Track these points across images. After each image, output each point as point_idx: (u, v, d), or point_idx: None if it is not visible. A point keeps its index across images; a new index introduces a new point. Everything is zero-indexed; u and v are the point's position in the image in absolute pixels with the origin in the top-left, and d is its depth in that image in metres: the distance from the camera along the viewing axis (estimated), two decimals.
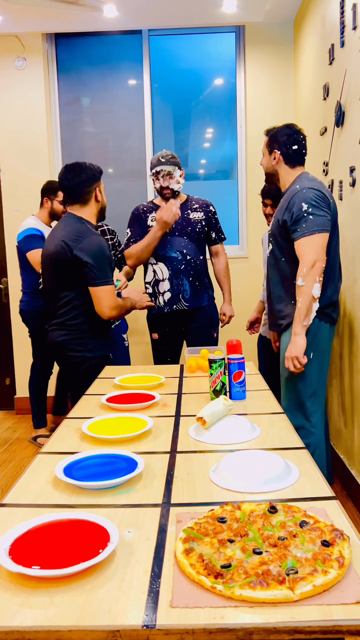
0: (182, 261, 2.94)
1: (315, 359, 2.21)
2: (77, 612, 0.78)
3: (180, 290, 2.96)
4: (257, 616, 0.76)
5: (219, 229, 3.12)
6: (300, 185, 2.20)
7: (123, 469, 1.24)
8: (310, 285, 2.12)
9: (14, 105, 4.21)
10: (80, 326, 2.31)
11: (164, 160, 2.90)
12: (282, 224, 2.21)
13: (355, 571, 0.85)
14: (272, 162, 2.35)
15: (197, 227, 2.98)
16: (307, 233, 2.12)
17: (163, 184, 2.92)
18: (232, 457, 1.26)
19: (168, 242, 2.94)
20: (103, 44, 4.34)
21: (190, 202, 3.05)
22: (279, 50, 4.15)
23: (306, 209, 2.13)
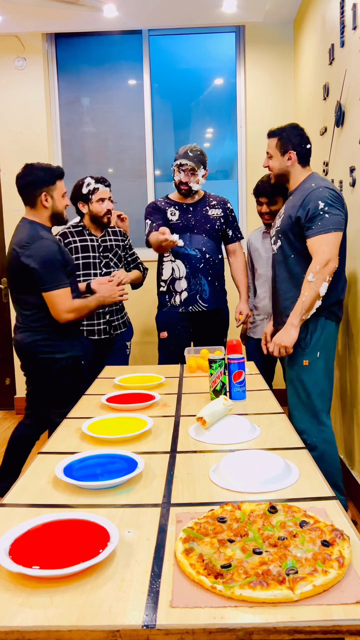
0: (201, 259, 2.84)
1: (322, 357, 2.21)
2: (77, 612, 0.78)
3: (198, 290, 2.85)
4: (257, 616, 0.76)
5: (237, 227, 3.00)
6: (315, 184, 2.20)
7: (123, 469, 1.24)
8: (319, 283, 2.12)
9: (14, 105, 4.21)
10: (48, 327, 2.28)
11: (192, 154, 2.78)
12: (296, 221, 2.20)
13: (355, 571, 0.85)
14: (285, 164, 2.31)
15: (217, 224, 2.88)
16: (322, 231, 2.12)
17: (183, 179, 2.80)
18: (232, 457, 1.26)
19: (187, 239, 2.83)
20: (103, 44, 4.34)
21: (208, 199, 2.94)
22: (279, 50, 4.15)
23: (322, 207, 2.13)
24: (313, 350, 2.20)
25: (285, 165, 2.32)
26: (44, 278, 2.19)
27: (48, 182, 2.28)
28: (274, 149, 2.33)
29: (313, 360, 2.20)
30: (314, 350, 2.20)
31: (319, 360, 2.21)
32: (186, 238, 2.80)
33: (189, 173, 2.78)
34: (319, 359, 2.21)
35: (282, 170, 2.34)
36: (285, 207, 2.32)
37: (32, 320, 2.28)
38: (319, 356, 2.20)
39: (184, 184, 2.80)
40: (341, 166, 2.78)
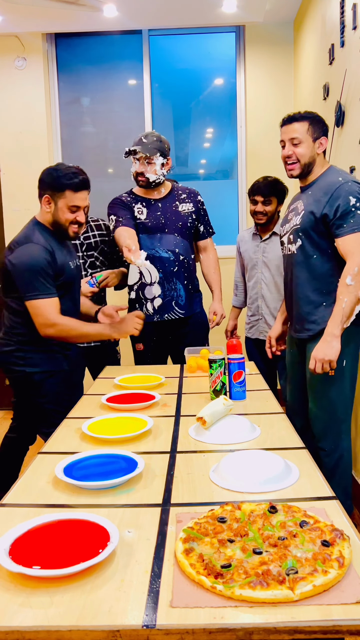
0: (175, 262, 2.56)
1: (348, 365, 2.07)
2: (77, 612, 0.78)
3: (173, 296, 2.58)
4: (257, 616, 0.76)
5: (208, 222, 2.73)
6: (342, 178, 2.02)
7: (123, 469, 1.24)
8: (359, 287, 1.94)
9: (14, 105, 4.21)
10: (21, 337, 2.10)
11: (146, 141, 2.51)
12: (321, 218, 2.01)
13: (355, 571, 0.85)
14: (316, 151, 2.10)
15: (189, 221, 2.60)
16: (356, 229, 1.94)
17: (138, 169, 2.52)
18: (232, 457, 1.26)
19: (157, 239, 2.55)
20: (103, 44, 4.34)
21: (177, 192, 2.65)
22: (279, 50, 4.15)
23: (354, 203, 1.96)
24: (339, 359, 2.01)
25: (315, 152, 2.11)
26: (26, 285, 2.01)
27: (55, 187, 2.09)
28: (305, 134, 2.09)
29: (339, 370, 2.03)
30: (340, 360, 2.01)
31: (345, 369, 2.06)
32: (156, 239, 2.55)
33: (144, 162, 2.50)
34: (345, 367, 2.06)
35: (312, 158, 2.11)
36: (305, 202, 2.11)
37: (11, 327, 2.12)
38: (344, 365, 2.05)
39: (140, 174, 2.52)
40: (341, 166, 2.78)
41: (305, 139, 2.10)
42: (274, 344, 2.45)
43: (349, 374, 2.08)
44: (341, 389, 2.08)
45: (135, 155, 2.51)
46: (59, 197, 2.09)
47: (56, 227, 2.14)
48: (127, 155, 2.52)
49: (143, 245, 2.53)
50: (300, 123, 2.10)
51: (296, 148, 2.11)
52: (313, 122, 2.10)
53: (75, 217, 2.13)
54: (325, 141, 2.12)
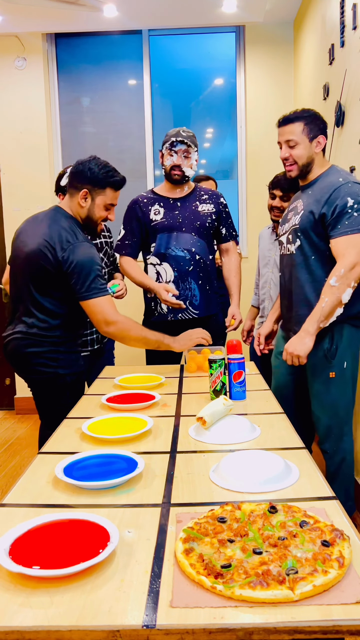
0: (191, 261, 2.52)
1: (349, 367, 2.06)
2: (77, 612, 0.78)
3: (188, 295, 2.54)
4: (257, 616, 0.76)
5: (230, 225, 2.67)
6: (343, 178, 1.99)
7: (123, 469, 1.24)
8: (343, 289, 1.92)
9: (14, 105, 4.22)
10: (55, 339, 2.02)
11: (185, 134, 2.47)
12: (320, 218, 1.99)
13: (355, 571, 0.85)
14: (314, 151, 2.07)
15: (207, 221, 2.56)
16: (349, 232, 1.92)
17: (176, 161, 2.47)
18: (232, 457, 1.26)
19: (174, 238, 2.52)
20: (103, 44, 4.34)
21: (199, 192, 2.62)
22: (279, 50, 4.15)
23: (352, 205, 1.93)
24: (340, 361, 2.03)
25: (312, 152, 2.07)
26: (87, 284, 1.92)
27: (97, 183, 2.03)
28: (300, 135, 2.05)
29: (340, 371, 2.04)
30: (340, 361, 2.03)
31: (346, 371, 2.05)
32: (172, 237, 2.53)
33: (182, 155, 2.47)
34: (346, 370, 2.05)
35: (310, 158, 2.08)
36: (305, 202, 2.08)
37: (44, 328, 2.01)
38: (345, 366, 2.04)
39: (177, 167, 2.48)
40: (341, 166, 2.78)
41: (301, 139, 2.06)
42: (262, 342, 2.43)
43: (350, 375, 2.08)
44: (343, 390, 2.08)
45: (174, 147, 2.47)
46: (99, 193, 2.05)
47: (87, 222, 2.09)
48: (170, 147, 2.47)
49: (158, 243, 2.54)
50: (296, 124, 2.06)
51: (292, 150, 2.08)
52: (309, 121, 2.06)
53: (107, 214, 2.10)
54: (323, 139, 2.08)
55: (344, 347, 2.03)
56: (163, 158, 2.54)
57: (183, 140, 2.45)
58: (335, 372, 2.05)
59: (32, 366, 2.04)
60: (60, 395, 2.06)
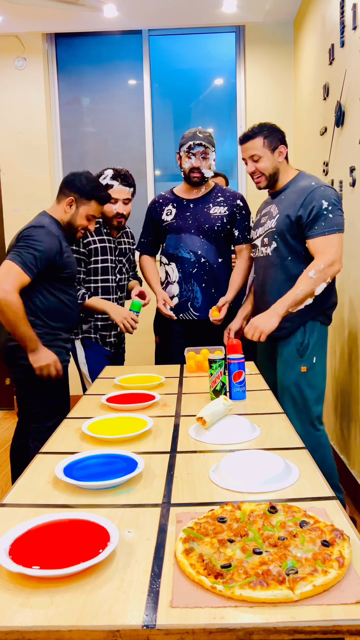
0: (195, 264, 2.53)
1: (318, 361, 2.17)
2: (77, 612, 0.78)
3: (189, 297, 2.56)
4: (257, 616, 0.76)
5: (245, 227, 2.59)
6: (315, 182, 2.12)
7: (123, 469, 1.24)
8: (318, 283, 2.05)
9: (14, 105, 4.22)
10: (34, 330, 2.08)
11: (202, 135, 2.47)
12: (296, 220, 2.11)
13: (355, 571, 0.85)
14: (277, 160, 2.21)
15: (217, 224, 2.53)
16: (326, 232, 2.05)
17: (195, 164, 2.47)
18: (232, 457, 1.26)
19: (181, 240, 2.55)
20: (103, 44, 4.34)
21: (215, 194, 2.59)
22: (279, 50, 4.15)
23: (326, 207, 2.05)
24: (310, 355, 2.16)
25: (276, 162, 2.21)
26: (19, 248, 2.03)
27: (84, 194, 2.20)
28: (262, 148, 2.20)
29: (311, 366, 2.16)
30: (311, 356, 2.16)
31: (316, 365, 2.17)
32: (180, 239, 2.55)
33: (200, 157, 2.47)
34: (316, 364, 2.17)
35: (275, 168, 2.22)
36: (280, 206, 2.20)
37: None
38: (315, 361, 2.16)
39: (196, 169, 2.48)
40: (341, 166, 2.78)
41: (264, 152, 2.20)
42: (232, 337, 2.50)
43: (319, 371, 2.19)
44: (314, 384, 2.18)
45: (192, 150, 2.46)
46: (84, 203, 2.21)
47: (68, 228, 2.23)
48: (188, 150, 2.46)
49: (168, 244, 2.60)
50: (256, 139, 2.20)
51: (257, 164, 2.22)
52: (267, 134, 2.20)
53: (88, 225, 2.26)
54: (284, 149, 2.22)
55: (314, 342, 2.16)
56: (181, 160, 2.53)
57: (201, 143, 2.45)
58: (306, 367, 2.17)
59: (15, 359, 2.14)
60: (39, 390, 2.14)
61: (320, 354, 2.18)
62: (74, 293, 2.31)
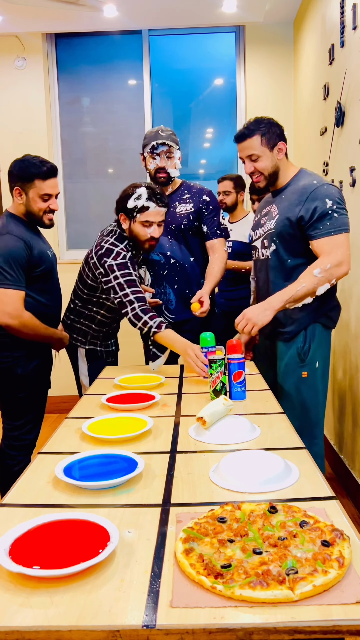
0: (165, 265, 2.46)
1: (320, 367, 2.09)
2: (77, 612, 0.78)
3: (163, 300, 2.50)
4: (257, 616, 0.76)
5: (214, 222, 2.49)
6: (317, 181, 2.01)
7: (123, 469, 1.24)
8: (322, 282, 1.93)
9: (14, 105, 4.22)
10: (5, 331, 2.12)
11: (164, 134, 2.41)
12: (297, 221, 2.00)
13: (355, 571, 0.85)
14: (277, 158, 2.08)
15: (183, 222, 2.45)
16: (332, 232, 1.93)
17: (160, 164, 2.41)
18: (232, 457, 1.26)
19: None
20: (103, 44, 4.34)
21: (181, 192, 2.53)
22: (279, 50, 4.15)
23: (331, 206, 1.94)
24: (312, 360, 2.07)
25: (276, 160, 2.08)
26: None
27: (24, 178, 2.12)
28: (260, 147, 2.06)
29: (312, 371, 2.07)
30: (313, 361, 2.07)
31: (318, 371, 2.08)
32: None
33: (165, 156, 2.41)
34: (318, 369, 2.08)
35: (274, 167, 2.09)
36: (279, 206, 2.09)
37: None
38: (317, 366, 2.07)
39: (161, 169, 2.42)
40: (341, 166, 2.78)
41: (262, 151, 2.06)
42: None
43: (320, 376, 2.09)
44: (314, 391, 2.09)
45: (155, 150, 2.40)
46: (29, 187, 2.14)
47: (30, 217, 2.19)
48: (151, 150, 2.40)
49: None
50: (253, 138, 2.06)
51: (256, 163, 2.08)
52: (265, 131, 2.05)
53: (48, 205, 2.17)
54: (283, 145, 2.08)
55: (316, 347, 2.07)
56: (145, 161, 2.48)
57: (164, 142, 2.39)
58: (307, 372, 2.07)
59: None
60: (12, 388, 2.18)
61: (322, 359, 2.10)
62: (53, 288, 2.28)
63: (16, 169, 2.15)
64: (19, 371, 2.19)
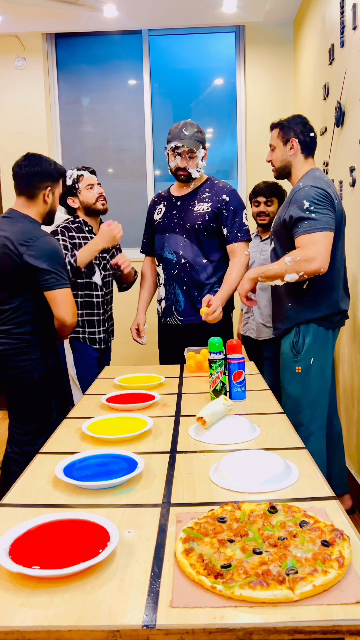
0: (176, 265, 2.42)
1: (316, 363, 2.13)
2: (77, 612, 0.78)
3: (173, 300, 2.46)
4: (257, 616, 0.76)
5: (235, 224, 2.37)
6: (303, 183, 2.10)
7: (123, 469, 1.24)
8: (290, 271, 2.00)
9: (14, 105, 4.22)
10: (25, 335, 2.09)
11: (188, 133, 2.34)
12: (283, 222, 2.12)
13: (355, 571, 0.85)
14: (288, 153, 2.18)
15: (197, 222, 2.38)
16: (309, 230, 2.00)
17: (180, 164, 2.38)
18: (232, 457, 1.26)
19: (165, 240, 2.46)
20: (103, 44, 4.34)
21: (203, 190, 2.44)
22: (279, 50, 4.15)
23: (308, 207, 2.01)
24: (306, 356, 2.12)
25: (287, 155, 2.19)
26: (55, 274, 2.03)
27: (55, 177, 2.14)
28: (276, 139, 2.21)
29: (307, 367, 2.12)
30: (307, 356, 2.12)
31: (313, 367, 2.12)
32: (165, 238, 2.45)
33: (187, 156, 2.36)
34: (313, 366, 2.12)
35: (284, 161, 2.20)
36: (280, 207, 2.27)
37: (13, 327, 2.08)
38: (312, 362, 2.12)
39: (182, 169, 2.39)
40: (341, 166, 2.78)
41: (277, 143, 2.22)
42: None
43: (316, 374, 2.13)
44: (307, 387, 2.14)
45: (177, 150, 2.36)
46: (56, 187, 2.17)
47: (49, 216, 2.20)
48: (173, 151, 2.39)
49: (156, 244, 2.54)
50: (275, 130, 2.24)
51: (272, 153, 2.26)
52: (284, 126, 2.20)
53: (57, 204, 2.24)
54: (295, 142, 2.17)
55: (310, 342, 2.13)
56: (168, 157, 2.44)
57: (182, 146, 2.35)
58: (301, 367, 2.14)
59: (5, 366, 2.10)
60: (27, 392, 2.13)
61: (318, 357, 2.13)
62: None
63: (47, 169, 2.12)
64: (36, 375, 2.13)
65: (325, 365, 2.16)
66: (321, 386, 2.15)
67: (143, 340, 2.60)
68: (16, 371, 2.09)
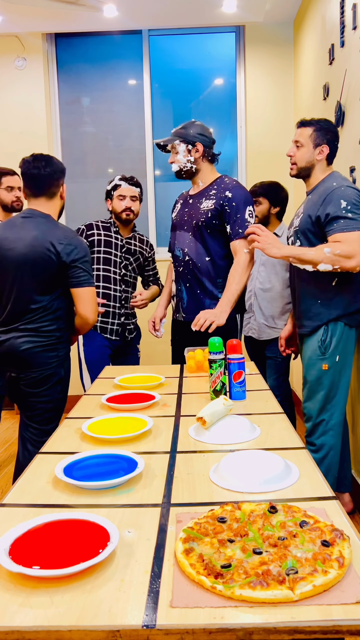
0: (182, 262, 2.45)
1: (341, 361, 2.19)
2: (77, 612, 0.78)
3: (180, 297, 2.50)
4: (257, 616, 0.76)
5: (236, 221, 2.31)
6: (337, 183, 2.12)
7: (123, 469, 1.24)
8: (326, 261, 2.03)
9: (14, 105, 4.22)
10: (56, 332, 2.14)
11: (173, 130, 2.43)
12: (316, 220, 2.13)
13: (355, 571, 0.85)
14: (315, 157, 2.21)
15: (201, 219, 2.36)
16: (346, 229, 2.02)
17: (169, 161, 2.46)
18: (232, 457, 1.26)
19: (175, 237, 2.51)
20: (103, 44, 4.34)
21: (211, 187, 2.42)
22: (279, 50, 4.15)
23: (345, 206, 2.04)
24: (333, 354, 2.18)
25: (314, 158, 2.22)
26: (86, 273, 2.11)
27: (65, 173, 2.21)
28: (307, 138, 2.21)
29: (332, 364, 2.19)
30: (334, 354, 2.18)
31: (338, 365, 2.19)
32: (175, 236, 2.51)
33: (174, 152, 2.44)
34: (338, 364, 2.19)
35: (309, 163, 2.23)
36: (305, 206, 2.24)
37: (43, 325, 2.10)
38: (338, 360, 2.18)
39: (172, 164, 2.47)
40: (341, 166, 2.78)
41: (306, 143, 2.22)
42: (283, 344, 2.59)
43: (340, 370, 2.20)
44: (332, 385, 2.20)
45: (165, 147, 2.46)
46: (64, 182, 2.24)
47: (60, 213, 2.26)
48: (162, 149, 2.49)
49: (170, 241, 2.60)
50: (306, 128, 2.23)
51: (297, 150, 2.25)
52: (318, 129, 2.21)
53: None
54: (326, 149, 2.21)
55: (337, 341, 2.18)
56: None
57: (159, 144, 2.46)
58: (328, 364, 2.19)
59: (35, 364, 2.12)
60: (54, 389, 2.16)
61: (343, 355, 2.20)
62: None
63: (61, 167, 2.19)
64: (62, 372, 2.18)
65: (348, 363, 2.22)
66: (343, 383, 2.22)
67: (158, 333, 2.66)
68: (46, 368, 2.12)
